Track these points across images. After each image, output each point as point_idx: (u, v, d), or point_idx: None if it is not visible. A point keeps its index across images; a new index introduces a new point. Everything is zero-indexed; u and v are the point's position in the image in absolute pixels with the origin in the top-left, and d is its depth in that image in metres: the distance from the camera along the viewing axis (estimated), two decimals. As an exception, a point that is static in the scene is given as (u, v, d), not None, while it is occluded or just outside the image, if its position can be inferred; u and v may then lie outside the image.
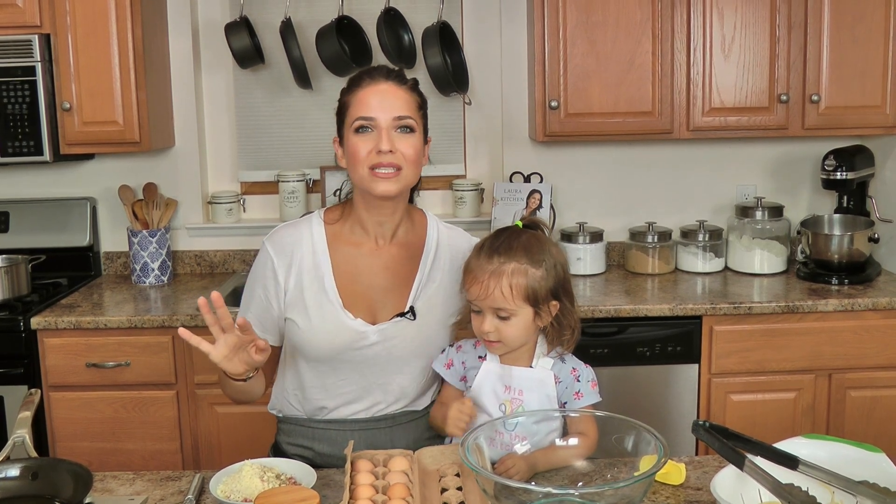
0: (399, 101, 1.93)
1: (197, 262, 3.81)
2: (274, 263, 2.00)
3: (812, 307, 3.11)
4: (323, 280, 1.99)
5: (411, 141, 1.92)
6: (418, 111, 1.96)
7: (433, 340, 2.03)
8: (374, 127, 1.90)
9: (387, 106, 1.91)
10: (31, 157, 3.30)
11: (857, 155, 3.46)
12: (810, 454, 1.51)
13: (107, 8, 3.27)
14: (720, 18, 3.33)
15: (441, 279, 2.04)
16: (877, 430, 3.16)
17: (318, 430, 2.06)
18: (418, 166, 1.96)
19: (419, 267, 2.03)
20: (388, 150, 1.88)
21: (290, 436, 2.10)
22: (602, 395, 1.93)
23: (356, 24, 3.62)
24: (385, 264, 2.02)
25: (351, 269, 2.00)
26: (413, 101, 1.95)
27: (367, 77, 1.96)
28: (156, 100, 3.48)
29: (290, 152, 3.82)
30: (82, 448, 3.13)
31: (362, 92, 1.94)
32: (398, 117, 1.91)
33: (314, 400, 2.04)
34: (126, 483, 1.85)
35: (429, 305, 2.02)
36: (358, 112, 1.92)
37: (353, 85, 1.97)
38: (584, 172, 3.79)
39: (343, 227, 2.03)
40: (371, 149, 1.89)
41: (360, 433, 2.03)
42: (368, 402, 2.03)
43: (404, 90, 1.95)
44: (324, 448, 2.06)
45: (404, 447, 2.01)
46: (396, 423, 2.06)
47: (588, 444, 1.77)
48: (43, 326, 3.10)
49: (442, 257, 2.06)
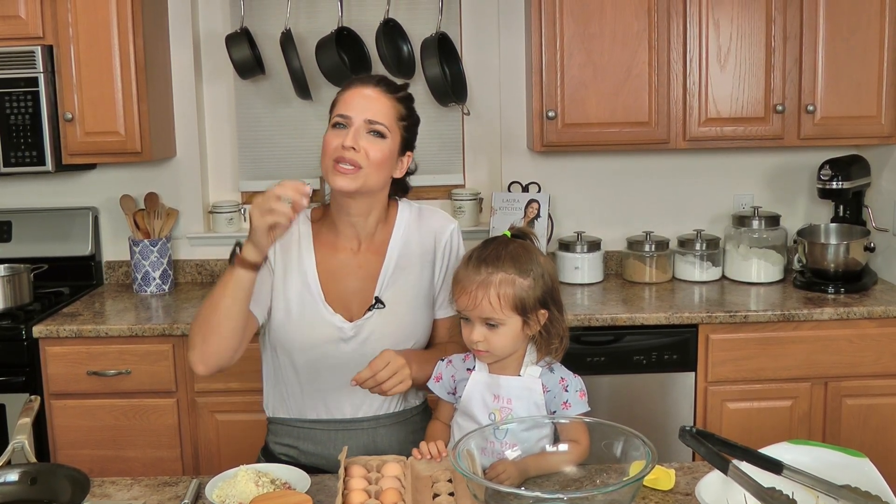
0: (378, 105, 1.98)
1: (198, 272, 3.84)
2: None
3: (808, 316, 3.13)
4: (307, 275, 2.04)
5: (380, 145, 1.97)
6: (398, 121, 2.00)
7: (410, 328, 2.07)
8: (347, 125, 1.96)
9: (363, 108, 1.97)
10: (34, 168, 3.34)
11: (852, 165, 3.48)
12: (794, 459, 1.53)
13: (108, 19, 3.31)
14: (716, 29, 3.36)
15: (410, 267, 2.09)
16: (872, 438, 3.18)
17: (304, 429, 2.10)
18: (382, 171, 1.99)
19: (385, 259, 2.07)
20: (351, 147, 1.93)
21: (277, 436, 2.15)
22: (599, 403, 1.95)
23: (356, 36, 3.65)
24: (359, 264, 2.08)
25: (331, 268, 2.06)
26: (394, 110, 2.00)
27: (358, 81, 2.03)
28: (157, 110, 3.52)
29: (290, 162, 3.85)
30: (83, 456, 3.15)
31: (349, 93, 2.01)
32: (370, 120, 1.96)
33: (298, 401, 2.09)
34: (124, 488, 1.88)
35: (399, 294, 2.06)
36: (338, 110, 2.00)
37: (345, 86, 2.05)
38: (581, 182, 3.82)
39: (323, 228, 2.10)
40: (339, 144, 1.95)
41: (344, 433, 2.07)
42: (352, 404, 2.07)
43: (388, 98, 2.00)
44: (308, 447, 2.10)
45: (388, 447, 2.07)
46: (380, 423, 2.09)
47: (580, 450, 1.79)
48: (45, 335, 3.13)
49: (411, 243, 2.10)
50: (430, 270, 2.11)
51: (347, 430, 2.07)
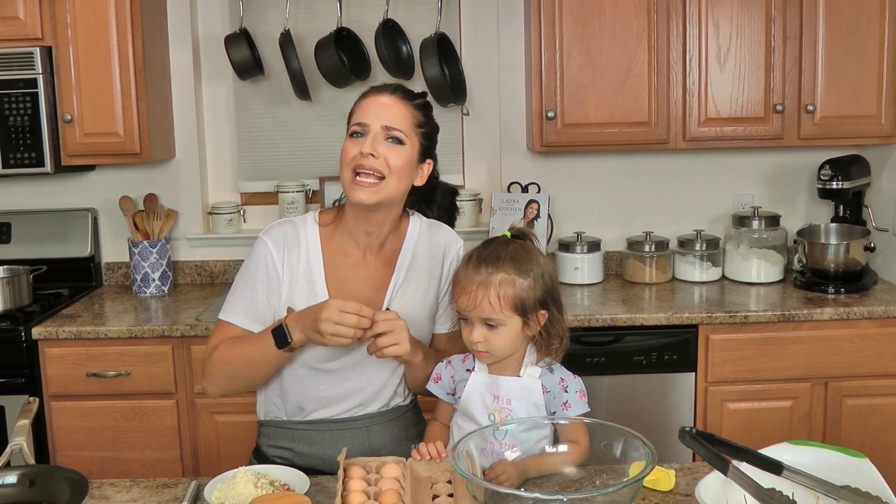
0: (395, 112, 1.97)
1: (197, 273, 3.84)
2: (273, 256, 2.03)
3: (808, 316, 3.12)
4: (314, 283, 2.02)
5: (398, 152, 1.95)
6: (415, 127, 1.99)
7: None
8: (365, 133, 1.95)
9: (380, 115, 1.96)
10: (33, 169, 3.34)
11: (852, 164, 3.48)
12: (794, 460, 1.52)
13: (108, 20, 3.31)
14: (716, 29, 3.36)
15: (418, 280, 2.09)
16: (873, 438, 3.17)
17: (298, 430, 2.09)
18: (404, 179, 1.98)
19: (395, 270, 2.07)
20: (370, 154, 1.92)
21: (270, 438, 2.13)
22: (599, 403, 1.95)
23: (355, 36, 3.65)
24: (368, 273, 2.06)
25: (339, 276, 2.04)
26: (411, 117, 1.99)
27: (375, 90, 2.02)
28: (156, 111, 3.52)
29: (290, 163, 3.84)
30: (83, 457, 3.15)
31: (365, 101, 2.00)
32: (387, 127, 1.95)
33: (294, 402, 2.08)
34: (122, 490, 1.87)
35: (406, 306, 2.05)
36: (355, 118, 1.99)
37: (361, 96, 2.04)
38: (581, 182, 3.81)
39: (334, 233, 2.07)
40: (357, 152, 1.94)
41: (339, 433, 2.07)
42: (347, 405, 2.06)
43: (405, 104, 1.99)
44: (303, 448, 2.09)
45: (382, 446, 2.06)
46: (374, 422, 2.09)
47: (579, 451, 1.79)
48: (44, 336, 3.12)
49: (420, 257, 2.10)
50: (437, 285, 2.11)
51: (342, 429, 2.07)
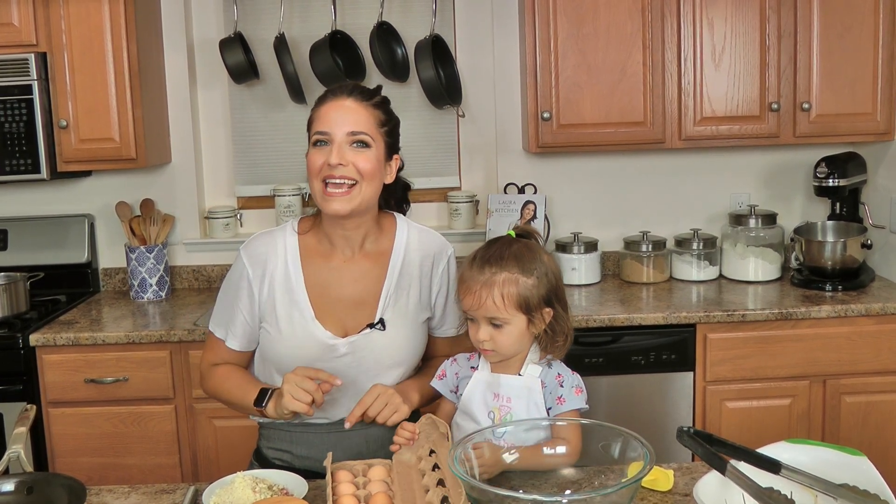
0: (356, 116, 1.97)
1: (195, 277, 3.84)
2: (249, 274, 2.05)
3: (806, 314, 3.12)
4: (294, 292, 2.03)
5: (367, 155, 1.96)
6: (378, 128, 1.99)
7: (404, 348, 2.07)
8: (329, 141, 1.95)
9: (342, 121, 1.95)
10: (29, 175, 3.34)
11: (848, 162, 3.48)
12: (793, 458, 1.52)
13: (102, 26, 3.30)
14: (710, 28, 3.36)
15: (410, 286, 2.08)
16: (872, 436, 3.17)
17: (296, 433, 2.10)
18: (375, 180, 1.99)
19: (386, 277, 2.06)
20: (338, 163, 1.92)
21: (269, 440, 2.15)
22: (597, 403, 1.95)
23: (349, 39, 3.65)
24: (354, 276, 2.06)
25: (322, 281, 2.04)
26: (373, 118, 1.99)
27: (331, 94, 2.02)
28: (152, 116, 3.51)
29: (286, 167, 3.84)
30: (82, 464, 3.15)
31: (324, 108, 2.00)
32: (351, 132, 1.95)
33: None
34: (121, 496, 1.87)
35: (399, 314, 2.06)
36: (316, 127, 1.99)
37: (319, 101, 2.03)
38: (577, 183, 3.81)
39: (313, 239, 2.08)
40: (324, 162, 1.94)
41: (337, 435, 2.07)
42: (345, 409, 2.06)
43: (365, 106, 1.99)
44: (301, 451, 2.10)
45: (379, 448, 2.06)
46: (372, 424, 2.08)
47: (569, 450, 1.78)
48: (41, 343, 3.12)
49: (412, 263, 2.09)
50: (428, 293, 2.11)
51: (340, 432, 2.06)
